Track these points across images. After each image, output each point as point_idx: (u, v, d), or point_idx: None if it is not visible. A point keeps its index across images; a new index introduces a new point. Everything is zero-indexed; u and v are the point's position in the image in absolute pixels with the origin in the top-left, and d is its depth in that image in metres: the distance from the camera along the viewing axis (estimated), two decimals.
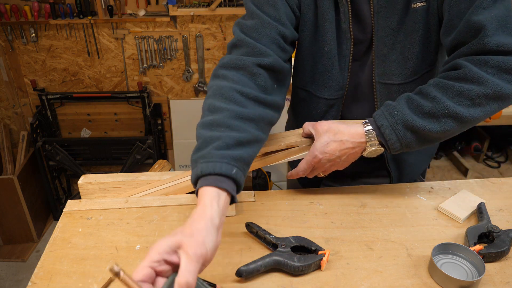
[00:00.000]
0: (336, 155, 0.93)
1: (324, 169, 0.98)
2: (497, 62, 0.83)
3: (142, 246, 0.88)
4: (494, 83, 0.83)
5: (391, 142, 0.89)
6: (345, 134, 0.92)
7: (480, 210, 0.96)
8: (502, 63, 0.83)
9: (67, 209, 1.00)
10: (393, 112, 0.89)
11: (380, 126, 0.89)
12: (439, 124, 0.86)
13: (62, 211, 1.00)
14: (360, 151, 0.93)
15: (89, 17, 2.52)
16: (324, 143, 0.93)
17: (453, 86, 0.85)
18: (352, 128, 0.92)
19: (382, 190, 1.07)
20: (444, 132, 0.86)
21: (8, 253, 2.74)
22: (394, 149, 0.90)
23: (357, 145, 0.92)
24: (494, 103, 0.85)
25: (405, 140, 0.88)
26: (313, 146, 0.95)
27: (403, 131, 0.88)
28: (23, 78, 2.77)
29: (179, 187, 1.05)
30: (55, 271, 0.82)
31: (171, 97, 2.91)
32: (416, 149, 0.92)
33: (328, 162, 0.95)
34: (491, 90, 0.83)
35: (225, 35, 2.69)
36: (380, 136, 0.90)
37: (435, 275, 0.80)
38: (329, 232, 0.93)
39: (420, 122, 0.86)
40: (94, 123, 2.93)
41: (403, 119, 0.87)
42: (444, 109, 0.85)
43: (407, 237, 0.91)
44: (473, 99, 0.84)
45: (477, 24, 0.84)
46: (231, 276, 0.80)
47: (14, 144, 2.95)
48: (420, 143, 0.90)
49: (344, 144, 0.92)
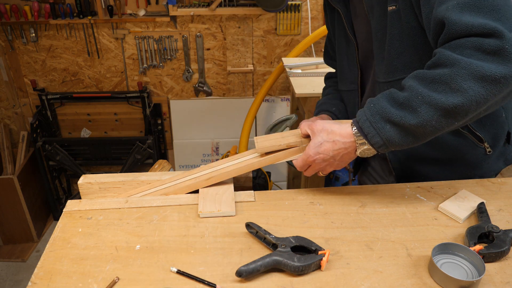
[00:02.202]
0: (330, 155, 0.94)
1: (321, 169, 0.99)
2: (472, 42, 0.80)
3: (142, 246, 0.88)
4: (467, 63, 0.79)
5: (370, 136, 0.88)
6: (336, 134, 0.93)
7: (480, 210, 0.96)
8: (477, 43, 0.80)
9: (67, 209, 1.00)
10: (370, 105, 0.90)
11: (359, 120, 0.90)
12: (416, 114, 0.83)
13: (62, 211, 1.00)
14: (353, 151, 0.94)
15: (89, 17, 2.52)
16: (318, 144, 0.94)
17: (427, 74, 0.84)
18: (343, 128, 0.93)
19: (382, 190, 1.07)
20: (423, 123, 0.83)
21: (8, 253, 2.74)
22: (376, 144, 0.88)
23: (349, 145, 0.93)
24: (477, 86, 0.79)
25: (385, 134, 0.86)
26: (308, 146, 0.97)
27: (381, 123, 0.87)
28: (23, 78, 2.77)
29: (179, 187, 1.05)
30: (55, 271, 0.82)
31: (171, 97, 2.91)
32: (405, 146, 0.88)
33: (323, 162, 0.96)
34: (465, 70, 0.79)
35: (225, 35, 2.69)
36: (359, 131, 0.90)
37: (435, 275, 0.80)
38: (329, 232, 0.93)
39: (396, 113, 0.85)
40: (94, 123, 2.93)
41: (380, 111, 0.87)
42: (418, 97, 0.83)
43: (407, 237, 0.91)
44: (448, 83, 0.81)
45: (440, 16, 0.83)
46: (231, 276, 0.80)
47: (14, 144, 2.95)
48: (404, 137, 0.86)
49: (337, 144, 0.93)
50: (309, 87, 2.31)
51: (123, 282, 0.79)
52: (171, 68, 2.79)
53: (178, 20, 2.62)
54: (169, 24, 2.63)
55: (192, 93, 2.90)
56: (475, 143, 1.10)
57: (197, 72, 2.81)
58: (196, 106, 2.87)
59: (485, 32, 0.80)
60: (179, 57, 2.75)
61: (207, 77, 2.85)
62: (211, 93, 2.90)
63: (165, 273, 0.81)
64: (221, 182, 1.06)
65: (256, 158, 1.05)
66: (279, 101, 2.89)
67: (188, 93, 2.90)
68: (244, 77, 2.83)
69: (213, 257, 0.85)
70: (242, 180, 1.14)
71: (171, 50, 2.71)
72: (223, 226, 0.94)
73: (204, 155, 3.03)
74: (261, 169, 2.58)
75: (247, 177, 1.14)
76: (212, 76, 2.85)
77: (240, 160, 1.06)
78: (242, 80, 2.84)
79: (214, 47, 2.74)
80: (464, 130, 1.10)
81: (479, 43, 0.80)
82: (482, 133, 1.09)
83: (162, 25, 2.63)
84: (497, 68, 0.79)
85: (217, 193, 1.03)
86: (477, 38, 0.81)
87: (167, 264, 0.83)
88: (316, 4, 2.63)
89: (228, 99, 2.89)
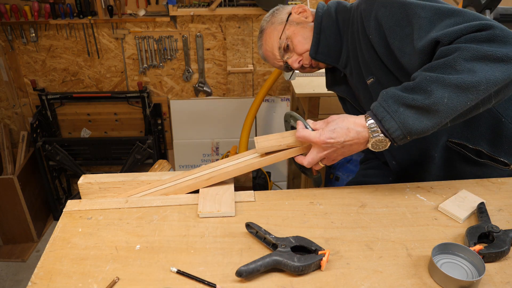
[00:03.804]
0: (341, 141, 0.94)
1: (326, 156, 0.99)
2: (466, 38, 0.87)
3: (142, 246, 0.88)
4: (468, 46, 0.85)
5: (384, 120, 0.89)
6: (351, 122, 0.94)
7: (480, 210, 0.96)
8: (471, 37, 0.86)
9: (67, 209, 1.00)
10: (383, 93, 0.93)
11: (372, 108, 0.92)
12: (427, 94, 0.86)
13: (62, 211, 1.00)
14: (365, 142, 0.94)
15: (89, 17, 2.52)
16: (332, 129, 0.95)
17: (432, 64, 0.89)
18: (358, 118, 0.95)
19: (382, 190, 1.07)
20: (436, 101, 0.85)
21: (8, 253, 2.74)
22: (391, 129, 0.89)
23: (362, 135, 0.93)
24: (481, 64, 0.84)
25: (399, 117, 0.88)
26: (322, 130, 0.96)
27: (394, 107, 0.88)
28: (23, 78, 2.77)
29: (179, 187, 1.05)
30: (55, 271, 0.82)
31: (171, 97, 2.91)
32: (420, 131, 0.88)
33: (331, 147, 0.96)
34: (467, 52, 0.84)
35: (225, 35, 2.69)
36: (373, 118, 0.92)
37: (435, 275, 0.80)
38: (329, 232, 0.93)
39: (408, 96, 0.88)
40: (94, 123, 2.93)
41: (392, 96, 0.90)
42: (427, 78, 0.87)
43: (407, 237, 0.91)
44: (453, 66, 0.85)
45: (428, 40, 0.93)
46: (231, 276, 0.80)
47: (14, 144, 2.95)
48: (418, 120, 0.87)
49: (350, 132, 0.94)
50: (309, 87, 2.31)
51: (123, 282, 0.79)
52: (171, 68, 2.79)
53: (178, 20, 2.62)
54: (169, 24, 2.63)
55: (192, 93, 2.90)
56: (499, 168, 1.14)
57: (197, 72, 2.81)
58: (196, 106, 2.87)
59: (474, 29, 0.88)
60: (179, 57, 2.75)
61: (207, 77, 2.85)
62: (211, 93, 2.90)
63: (165, 273, 0.81)
64: (222, 182, 1.06)
65: (256, 158, 1.05)
66: (279, 101, 2.89)
67: (188, 93, 2.90)
68: (244, 77, 2.83)
69: (213, 257, 0.85)
70: (242, 180, 1.14)
71: (171, 50, 2.71)
72: (223, 226, 0.94)
73: (204, 155, 3.03)
74: (261, 169, 2.58)
75: (247, 177, 1.14)
76: (212, 76, 2.85)
77: (240, 160, 1.06)
78: (242, 80, 2.84)
79: (214, 47, 2.74)
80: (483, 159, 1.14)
81: (472, 37, 0.87)
82: (505, 157, 1.12)
83: (162, 25, 2.63)
84: (497, 49, 0.84)
85: (217, 193, 1.03)
86: (469, 34, 0.88)
87: (167, 264, 0.83)
88: (316, 4, 2.63)
89: (228, 99, 2.89)
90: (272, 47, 1.29)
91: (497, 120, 1.11)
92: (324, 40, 1.22)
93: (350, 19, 1.20)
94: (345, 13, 1.22)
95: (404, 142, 0.91)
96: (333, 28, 1.22)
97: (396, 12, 1.01)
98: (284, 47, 1.26)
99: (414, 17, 0.97)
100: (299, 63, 1.27)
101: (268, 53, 1.32)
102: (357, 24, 1.14)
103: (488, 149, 1.13)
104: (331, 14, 1.23)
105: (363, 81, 1.18)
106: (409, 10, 0.99)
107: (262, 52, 1.35)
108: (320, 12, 1.25)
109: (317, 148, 0.98)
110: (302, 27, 1.25)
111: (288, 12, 1.29)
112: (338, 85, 1.36)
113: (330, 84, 1.40)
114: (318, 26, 1.23)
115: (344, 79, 1.31)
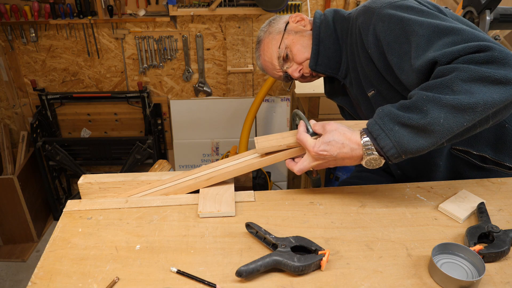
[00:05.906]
0: (334, 155, 0.92)
1: (318, 166, 0.98)
2: (463, 59, 0.86)
3: (142, 246, 0.88)
4: (465, 67, 0.83)
5: (379, 138, 0.87)
6: (347, 138, 0.92)
7: (480, 210, 0.96)
8: (468, 59, 0.85)
9: (67, 209, 1.00)
10: (379, 111, 0.91)
11: (368, 125, 0.91)
12: (423, 114, 0.84)
13: (62, 211, 1.00)
14: (358, 158, 0.93)
15: (89, 17, 2.52)
16: (327, 141, 0.93)
17: (429, 83, 0.88)
18: (354, 135, 0.92)
19: (382, 190, 1.07)
20: (431, 121, 0.83)
21: (8, 253, 2.74)
22: (386, 147, 0.87)
23: (355, 152, 0.91)
24: (479, 86, 0.82)
25: (394, 135, 0.86)
26: (318, 140, 0.95)
27: (389, 125, 0.87)
28: (23, 78, 2.77)
29: (179, 187, 1.05)
30: (55, 271, 0.82)
31: (171, 97, 2.91)
32: (415, 151, 0.86)
33: (324, 159, 0.95)
34: (465, 72, 0.83)
35: (225, 35, 2.69)
36: (368, 135, 0.90)
37: (435, 275, 0.80)
38: (329, 232, 0.93)
39: (404, 115, 0.86)
40: (94, 123, 2.93)
41: (388, 114, 0.88)
42: (423, 97, 0.85)
43: (407, 237, 0.91)
44: (450, 87, 0.84)
45: (427, 60, 0.91)
46: (231, 276, 0.80)
47: (14, 144, 2.95)
48: (414, 139, 0.85)
49: (345, 147, 0.92)
50: (309, 87, 2.31)
51: (123, 282, 0.79)
52: (171, 68, 2.79)
53: (178, 20, 2.62)
54: (169, 24, 2.63)
55: (192, 93, 2.90)
56: (504, 172, 1.15)
57: (197, 72, 2.81)
58: (196, 106, 2.87)
59: (472, 50, 0.86)
60: (179, 57, 2.75)
61: (207, 77, 2.85)
62: (211, 93, 2.90)
63: (165, 273, 0.81)
64: (222, 182, 1.06)
65: (257, 159, 1.05)
66: (279, 101, 2.89)
67: (188, 93, 2.90)
68: (244, 77, 2.83)
69: (213, 257, 0.85)
70: (242, 180, 1.14)
71: (171, 50, 2.71)
72: (223, 226, 0.94)
73: (204, 155, 3.03)
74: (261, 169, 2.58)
75: (247, 177, 1.14)
76: (212, 76, 2.85)
77: (240, 160, 1.06)
78: (242, 80, 2.84)
79: (214, 47, 2.73)
80: (487, 164, 1.15)
81: (470, 58, 0.85)
82: (509, 161, 1.13)
83: (162, 25, 2.63)
84: (496, 70, 0.83)
85: (217, 193, 1.03)
86: (467, 55, 0.86)
87: (167, 264, 0.83)
88: (316, 4, 2.63)
89: (228, 99, 2.89)
90: (271, 57, 1.27)
91: (500, 126, 1.12)
92: (323, 51, 1.21)
93: (348, 29, 1.19)
94: (343, 23, 1.21)
95: (399, 161, 0.89)
96: (331, 38, 1.21)
97: (394, 28, 1.00)
98: (284, 57, 1.25)
99: (412, 35, 0.96)
100: (299, 72, 1.26)
101: (267, 64, 1.30)
102: (355, 36, 1.13)
103: (492, 154, 1.13)
104: (329, 24, 1.22)
105: (363, 93, 1.17)
106: (407, 27, 0.97)
107: (261, 63, 1.33)
108: (317, 21, 1.23)
109: (310, 157, 0.97)
110: (301, 36, 1.24)
111: (286, 21, 1.27)
112: (336, 95, 1.35)
113: (329, 93, 1.39)
114: (317, 37, 1.21)
115: (342, 89, 1.31)
